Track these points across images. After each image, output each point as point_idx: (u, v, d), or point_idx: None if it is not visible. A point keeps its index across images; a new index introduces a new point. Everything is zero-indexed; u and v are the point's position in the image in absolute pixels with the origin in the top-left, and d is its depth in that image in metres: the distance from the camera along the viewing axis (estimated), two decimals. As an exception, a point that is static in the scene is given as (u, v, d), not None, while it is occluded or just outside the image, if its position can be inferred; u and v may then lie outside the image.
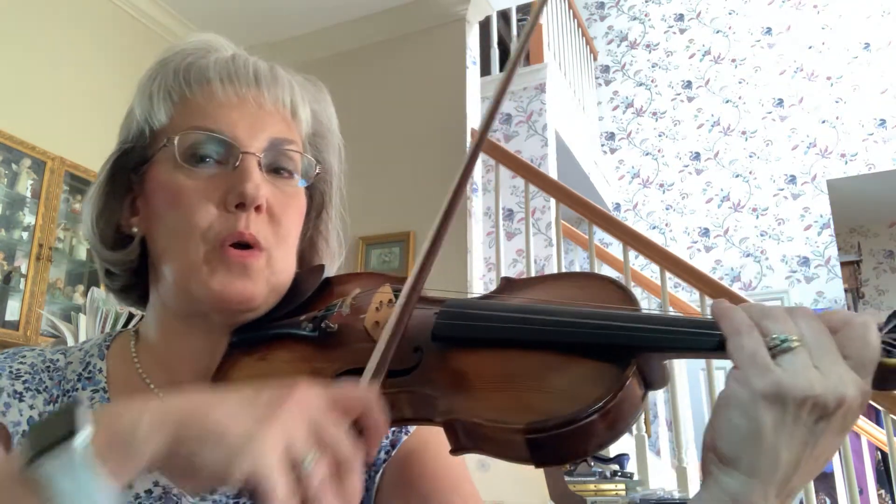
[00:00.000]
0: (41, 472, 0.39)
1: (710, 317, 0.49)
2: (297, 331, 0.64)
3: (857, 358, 0.45)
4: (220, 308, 0.64)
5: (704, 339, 0.48)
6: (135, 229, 0.69)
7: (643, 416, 3.25)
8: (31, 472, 0.39)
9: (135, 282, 0.73)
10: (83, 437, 0.40)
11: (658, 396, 4.33)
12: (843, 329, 0.46)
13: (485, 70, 4.78)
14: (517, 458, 0.48)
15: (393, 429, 0.70)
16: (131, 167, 0.70)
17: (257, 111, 0.68)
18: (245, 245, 0.64)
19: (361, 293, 0.66)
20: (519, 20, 5.27)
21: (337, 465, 0.43)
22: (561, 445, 0.47)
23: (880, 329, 0.46)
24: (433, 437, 0.69)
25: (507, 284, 0.63)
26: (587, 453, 0.48)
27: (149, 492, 0.63)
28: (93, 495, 0.40)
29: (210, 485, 0.42)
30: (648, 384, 0.51)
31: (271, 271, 0.66)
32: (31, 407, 0.66)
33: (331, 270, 0.75)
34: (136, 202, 0.70)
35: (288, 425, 0.42)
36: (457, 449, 0.51)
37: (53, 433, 0.40)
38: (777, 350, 0.45)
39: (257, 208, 0.64)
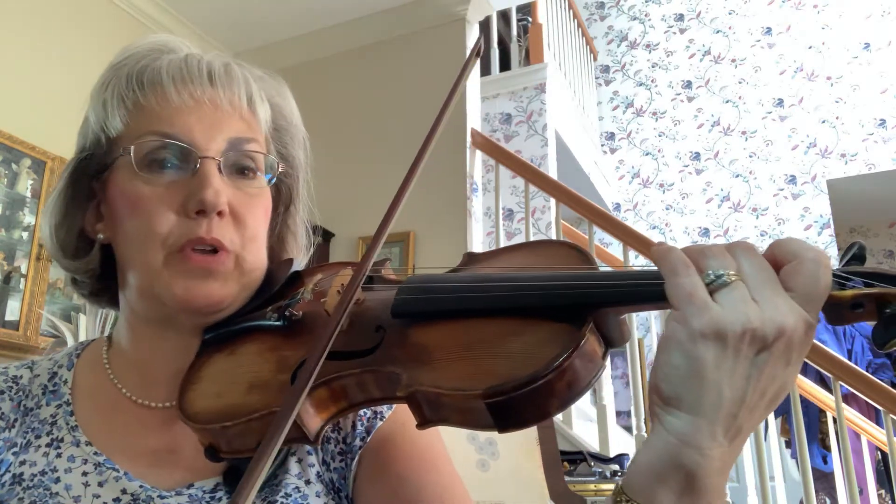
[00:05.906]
0: None
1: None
2: (264, 322, 0.64)
3: (802, 291, 0.45)
4: (186, 311, 0.64)
5: (654, 290, 0.48)
6: (100, 235, 0.69)
7: (643, 416, 3.24)
8: None
9: (103, 286, 0.73)
10: None
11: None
12: (792, 262, 0.46)
13: (485, 70, 4.78)
14: (481, 424, 0.49)
15: (368, 415, 0.70)
16: (92, 174, 0.69)
17: (213, 112, 0.66)
18: (210, 249, 0.64)
19: (322, 279, 0.67)
20: (519, 20, 5.27)
21: None
22: (522, 407, 0.47)
23: (839, 262, 0.47)
24: (410, 420, 0.69)
25: (470, 259, 0.64)
26: (549, 414, 0.48)
27: (116, 500, 0.62)
28: None
29: None
30: (608, 342, 0.51)
31: (241, 272, 0.66)
32: None
33: (300, 264, 0.75)
34: (101, 208, 0.70)
35: None
36: (422, 422, 0.52)
37: None
38: (714, 286, 0.45)
39: (219, 213, 0.64)
